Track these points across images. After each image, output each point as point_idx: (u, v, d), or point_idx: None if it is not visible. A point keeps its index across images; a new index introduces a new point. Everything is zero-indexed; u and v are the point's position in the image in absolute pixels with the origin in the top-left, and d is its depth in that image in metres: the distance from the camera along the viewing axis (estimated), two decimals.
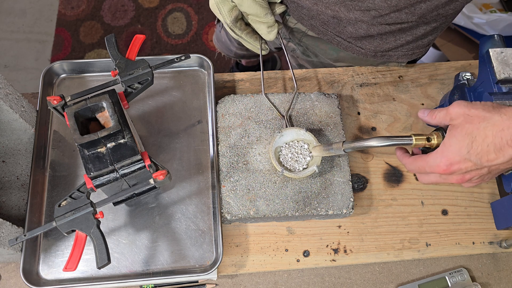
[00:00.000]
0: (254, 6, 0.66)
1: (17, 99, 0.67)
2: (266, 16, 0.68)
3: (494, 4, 1.58)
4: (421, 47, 0.78)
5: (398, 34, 0.73)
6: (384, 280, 0.70)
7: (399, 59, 0.79)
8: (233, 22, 0.69)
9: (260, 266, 0.68)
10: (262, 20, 0.68)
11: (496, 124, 0.49)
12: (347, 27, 0.73)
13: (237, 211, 0.66)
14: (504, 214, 0.70)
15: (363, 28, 0.72)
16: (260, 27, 0.70)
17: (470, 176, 0.53)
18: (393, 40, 0.74)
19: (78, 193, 0.56)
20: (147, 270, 0.65)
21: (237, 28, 0.70)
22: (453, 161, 0.51)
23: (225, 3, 0.68)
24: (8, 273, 0.67)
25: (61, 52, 1.83)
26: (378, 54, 0.78)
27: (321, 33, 0.78)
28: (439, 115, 0.56)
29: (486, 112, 0.51)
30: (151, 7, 1.93)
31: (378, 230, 0.71)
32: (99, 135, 0.55)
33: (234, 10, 0.68)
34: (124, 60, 0.64)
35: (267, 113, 0.73)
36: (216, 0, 0.68)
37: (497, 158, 0.49)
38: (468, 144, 0.50)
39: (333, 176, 0.69)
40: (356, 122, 0.78)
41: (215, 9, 0.69)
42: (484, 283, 0.70)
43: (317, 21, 0.76)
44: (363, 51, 0.78)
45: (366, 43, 0.76)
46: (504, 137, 0.49)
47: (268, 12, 0.68)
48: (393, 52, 0.78)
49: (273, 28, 0.70)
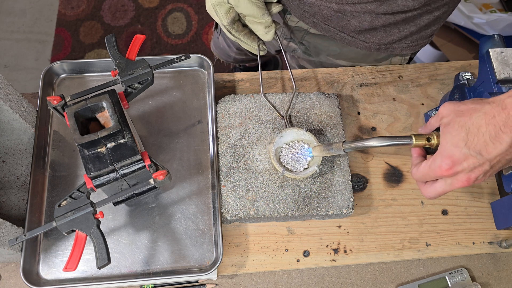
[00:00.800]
0: (251, 7, 0.66)
1: (17, 99, 0.67)
2: (263, 16, 0.68)
3: (494, 4, 1.58)
4: (425, 37, 0.77)
5: (402, 25, 0.73)
6: (384, 280, 0.70)
7: (403, 51, 0.79)
8: (230, 24, 0.69)
9: (260, 266, 0.68)
10: (259, 20, 0.68)
11: (487, 113, 0.49)
12: (350, 21, 0.73)
13: (237, 211, 0.66)
14: (504, 214, 0.70)
15: (367, 21, 0.72)
16: (258, 28, 0.70)
17: (476, 175, 0.51)
18: (397, 31, 0.74)
19: (78, 193, 0.56)
20: (147, 270, 0.65)
21: (234, 29, 0.70)
22: (454, 159, 0.51)
23: (222, 5, 0.67)
24: (8, 273, 0.67)
25: (61, 52, 1.83)
26: (382, 47, 0.78)
27: (323, 29, 0.78)
28: (431, 120, 0.56)
29: (475, 105, 0.50)
30: (151, 7, 1.93)
31: (378, 230, 0.71)
32: (99, 135, 0.55)
33: (231, 12, 0.68)
34: (124, 60, 0.64)
35: (267, 113, 0.73)
36: (212, 2, 0.68)
37: (495, 148, 0.49)
38: (464, 136, 0.50)
39: (333, 176, 0.69)
40: (356, 122, 0.78)
41: (212, 11, 0.69)
42: (484, 283, 0.70)
43: (320, 17, 0.76)
44: (367, 45, 0.78)
45: (369, 36, 0.76)
46: (496, 124, 0.48)
47: (265, 12, 0.68)
48: (397, 44, 0.78)
49: (271, 28, 0.70)
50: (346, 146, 0.61)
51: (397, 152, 0.77)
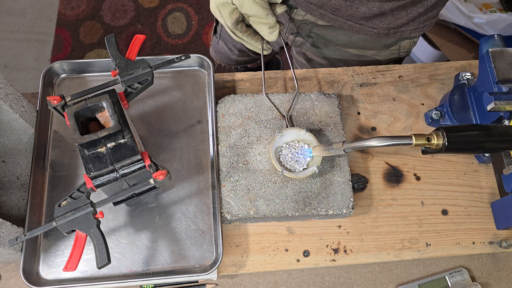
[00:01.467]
0: (255, 7, 0.66)
1: (17, 99, 0.67)
2: (268, 17, 0.68)
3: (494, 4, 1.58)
4: (431, 18, 0.78)
5: (410, 8, 0.73)
6: (384, 280, 0.70)
7: (412, 33, 0.80)
8: (234, 25, 0.69)
9: (260, 266, 0.68)
10: (263, 21, 0.68)
11: None
12: (359, 8, 0.73)
13: (237, 211, 0.66)
14: (504, 214, 0.70)
15: (376, 6, 0.72)
16: (262, 28, 0.70)
17: None
18: (405, 14, 0.75)
19: (78, 193, 0.56)
20: (147, 270, 0.65)
21: (238, 30, 0.70)
22: None
23: (226, 5, 0.67)
24: (8, 273, 0.67)
25: (61, 52, 1.83)
26: (391, 32, 0.78)
27: (331, 20, 0.78)
28: None
29: None
30: (151, 7, 1.93)
31: (378, 230, 0.71)
32: (99, 135, 0.55)
33: (235, 13, 0.68)
34: (124, 60, 0.64)
35: (267, 113, 0.73)
36: (216, 3, 0.68)
37: None
38: None
39: (333, 176, 0.69)
40: (356, 122, 0.78)
41: (216, 12, 0.69)
42: (484, 283, 0.70)
43: (328, 8, 0.76)
44: (376, 31, 0.78)
45: (378, 22, 0.76)
46: None
47: (269, 12, 0.68)
48: (405, 28, 0.78)
49: (275, 28, 0.70)
50: (346, 146, 0.61)
51: (397, 152, 0.77)
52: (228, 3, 0.67)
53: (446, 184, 0.75)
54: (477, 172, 0.76)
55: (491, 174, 0.76)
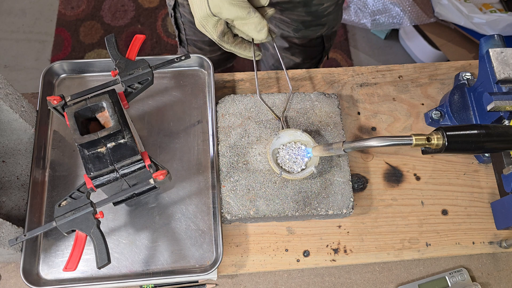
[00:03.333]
0: (233, 9, 0.65)
1: (17, 99, 0.67)
2: (249, 15, 0.66)
3: (494, 4, 1.58)
4: None
5: None
6: (384, 280, 0.70)
7: None
8: (220, 37, 0.68)
9: (260, 266, 0.68)
10: (247, 21, 0.67)
11: None
12: None
13: (237, 211, 0.66)
14: (504, 214, 0.70)
15: None
16: (249, 29, 0.68)
17: None
18: None
19: (78, 193, 0.56)
20: (147, 270, 0.65)
21: (224, 42, 0.69)
22: None
23: (208, 19, 0.67)
24: (8, 273, 0.67)
25: (61, 52, 1.83)
26: None
27: None
28: None
29: None
30: (151, 7, 1.93)
31: (378, 230, 0.71)
32: (99, 135, 0.55)
33: (219, 25, 0.67)
34: (124, 60, 0.64)
35: (267, 113, 0.73)
36: (199, 19, 0.67)
37: None
38: None
39: (333, 176, 0.69)
40: (356, 122, 0.78)
41: (201, 28, 0.68)
42: (484, 283, 0.70)
43: None
44: None
45: None
46: None
47: (250, 9, 0.66)
48: None
49: (262, 26, 0.68)
50: (346, 146, 0.61)
51: (397, 152, 0.77)
52: (209, 16, 0.66)
53: (446, 184, 0.75)
54: (477, 172, 0.76)
55: (491, 174, 0.76)
